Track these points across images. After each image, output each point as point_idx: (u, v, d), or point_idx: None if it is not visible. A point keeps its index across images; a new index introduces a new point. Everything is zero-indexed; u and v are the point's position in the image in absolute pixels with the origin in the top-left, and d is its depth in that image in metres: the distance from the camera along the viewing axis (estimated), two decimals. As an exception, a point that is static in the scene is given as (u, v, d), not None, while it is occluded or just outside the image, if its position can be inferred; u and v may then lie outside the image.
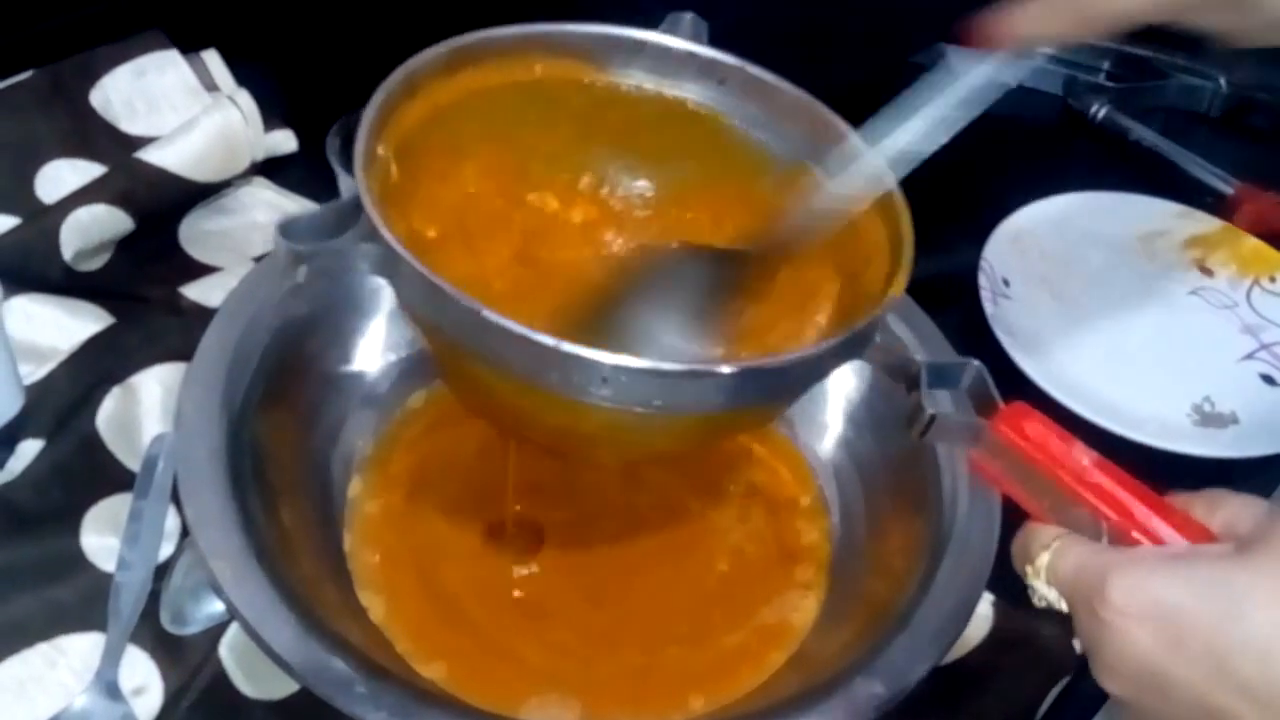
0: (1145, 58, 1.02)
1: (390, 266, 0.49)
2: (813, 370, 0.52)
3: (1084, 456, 0.47)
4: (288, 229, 0.49)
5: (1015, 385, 0.76)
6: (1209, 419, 0.78)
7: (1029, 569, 0.47)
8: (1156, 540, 0.45)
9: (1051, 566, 0.45)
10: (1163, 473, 0.73)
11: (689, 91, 0.61)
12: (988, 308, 0.80)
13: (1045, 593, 0.46)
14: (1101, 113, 0.98)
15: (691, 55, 0.60)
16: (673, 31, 0.61)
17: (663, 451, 0.62)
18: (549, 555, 0.64)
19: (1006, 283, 0.83)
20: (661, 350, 0.55)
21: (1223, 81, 1.01)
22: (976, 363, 0.51)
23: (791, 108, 0.60)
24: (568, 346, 0.46)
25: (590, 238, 0.64)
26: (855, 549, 0.66)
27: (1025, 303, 0.83)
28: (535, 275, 0.62)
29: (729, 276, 0.57)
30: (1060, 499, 0.47)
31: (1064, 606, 0.46)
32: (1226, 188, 0.93)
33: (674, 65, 0.60)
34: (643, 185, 0.64)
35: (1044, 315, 0.83)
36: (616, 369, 0.47)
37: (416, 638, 0.59)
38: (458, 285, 0.48)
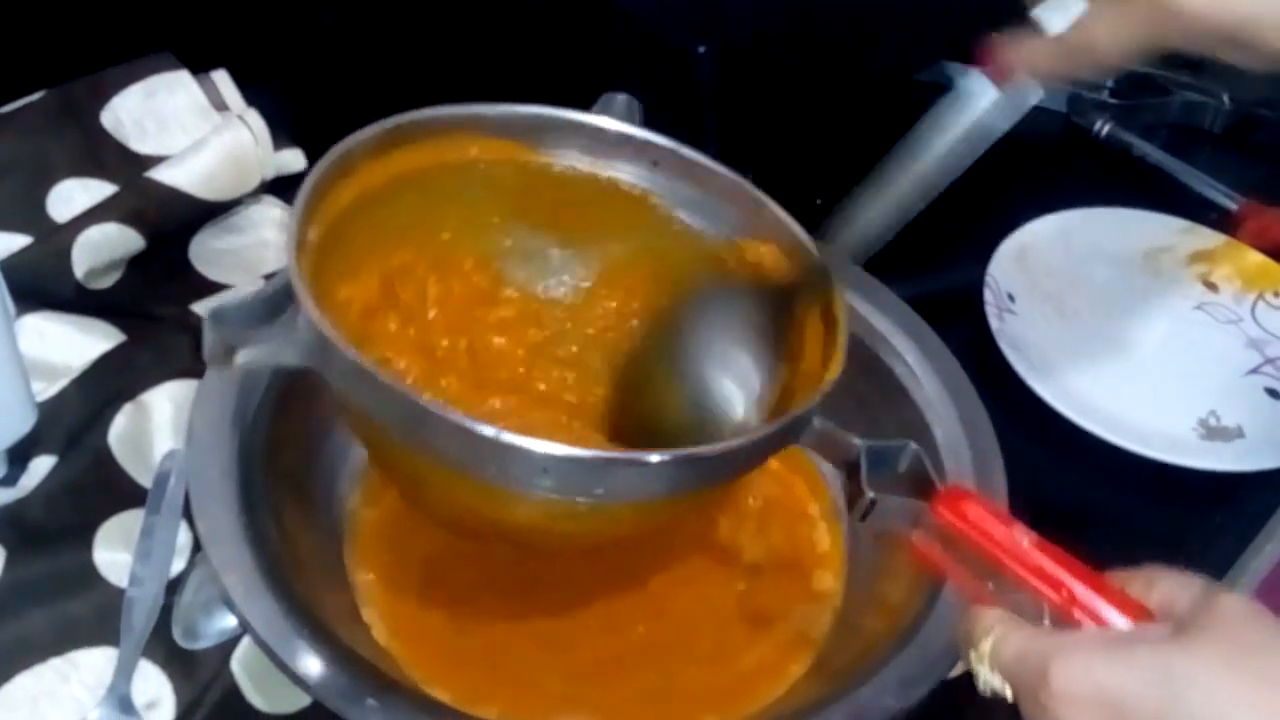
0: (1148, 74, 1.02)
1: (323, 356, 0.49)
2: (750, 458, 0.53)
3: (1023, 538, 0.47)
4: (218, 317, 0.49)
5: (1020, 400, 0.76)
6: (1215, 433, 0.78)
7: (973, 654, 0.47)
8: (1097, 619, 0.45)
9: (994, 653, 0.46)
10: (1168, 487, 0.74)
11: (622, 172, 0.62)
12: (993, 323, 0.80)
13: (990, 679, 0.46)
14: (1105, 129, 0.99)
15: (626, 137, 0.61)
16: (606, 112, 0.61)
17: (595, 541, 0.61)
18: (564, 581, 0.64)
19: (1012, 298, 0.83)
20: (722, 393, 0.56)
21: (1225, 98, 1.01)
22: (913, 445, 0.52)
23: (723, 189, 0.61)
24: (507, 437, 0.46)
25: (517, 322, 0.65)
26: (869, 557, 0.66)
27: (1030, 318, 0.83)
28: (463, 361, 0.63)
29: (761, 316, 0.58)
30: (1001, 581, 0.47)
31: (1009, 694, 0.46)
32: (1230, 203, 0.93)
33: (608, 146, 0.61)
34: (572, 266, 0.65)
35: (1049, 331, 0.83)
36: (556, 459, 0.47)
37: (423, 664, 0.59)
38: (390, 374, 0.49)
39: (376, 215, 0.57)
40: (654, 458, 0.48)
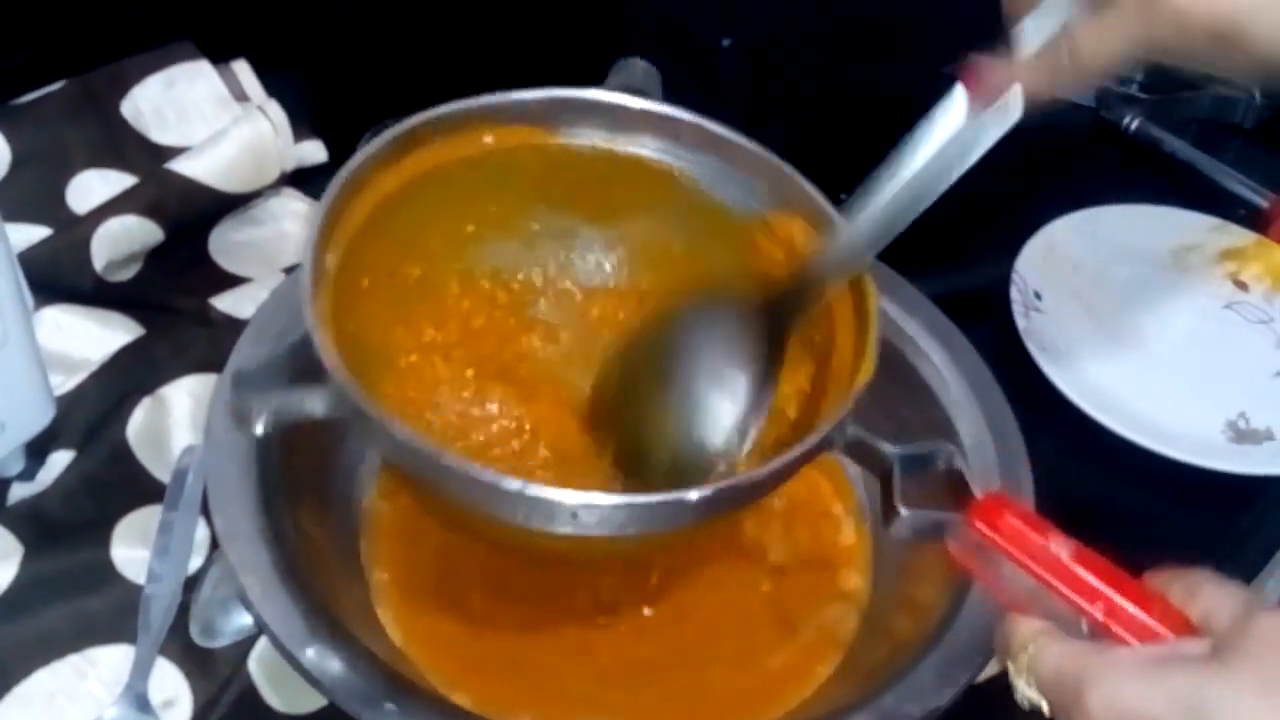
0: (1178, 69, 1.01)
1: (347, 411, 0.48)
2: (786, 474, 0.51)
3: (1062, 549, 0.46)
4: (240, 380, 0.48)
5: (1046, 400, 0.75)
6: (1244, 435, 0.77)
7: (1011, 667, 0.46)
8: (1136, 631, 0.44)
9: (1031, 667, 0.45)
10: (1196, 490, 0.73)
11: (645, 148, 0.60)
12: (1020, 321, 0.79)
13: (1027, 693, 0.46)
14: (1134, 124, 0.97)
15: (646, 113, 0.59)
16: (624, 78, 0.60)
17: (637, 555, 0.62)
18: (586, 584, 0.63)
19: (1038, 296, 0.82)
20: (704, 425, 0.55)
21: (1257, 93, 0.99)
22: (949, 447, 0.51)
23: (748, 161, 0.59)
24: (533, 489, 0.46)
25: (552, 319, 0.64)
26: (895, 556, 0.65)
27: (1057, 316, 0.82)
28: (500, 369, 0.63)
29: (754, 331, 0.57)
30: (1039, 592, 0.46)
31: (1047, 708, 0.45)
32: (1261, 200, 0.92)
33: (628, 123, 0.59)
34: (601, 245, 0.63)
35: (1076, 329, 0.82)
36: (586, 507, 0.47)
37: (442, 668, 0.59)
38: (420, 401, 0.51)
39: (396, 223, 0.56)
40: (694, 495, 0.48)
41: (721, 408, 0.56)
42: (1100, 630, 0.45)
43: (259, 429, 0.48)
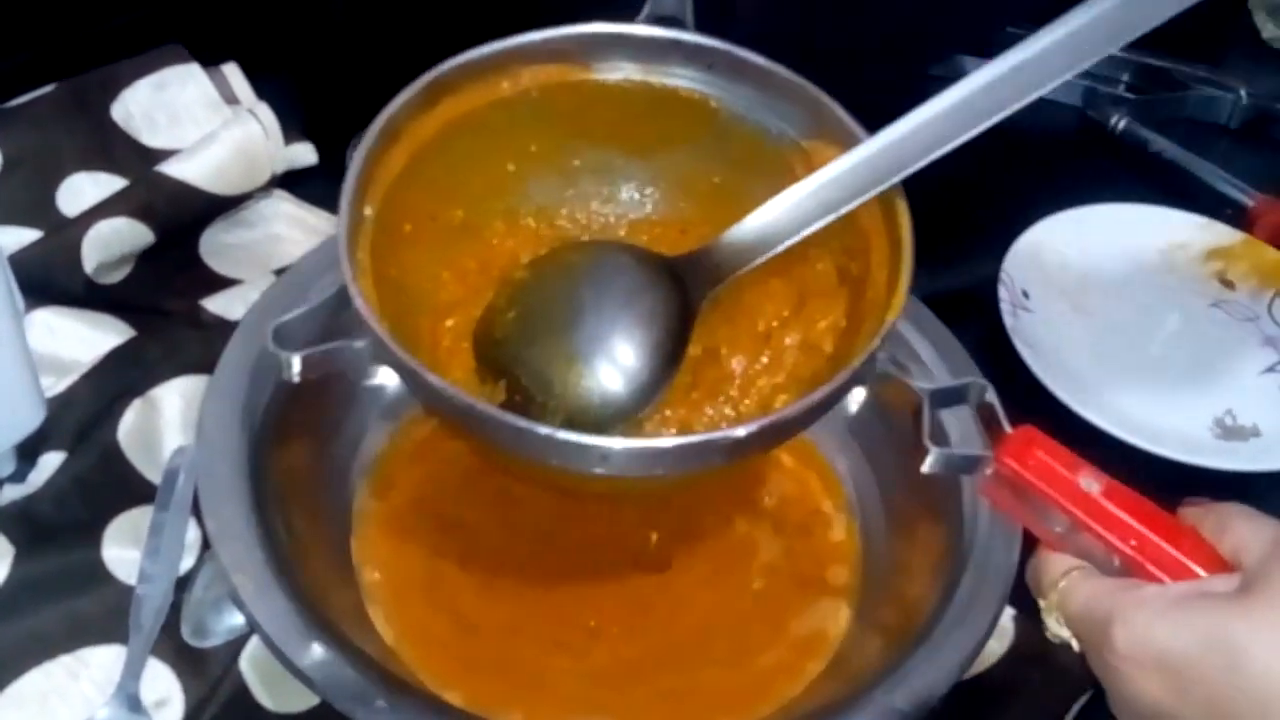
0: (1165, 69, 1.01)
1: (385, 358, 0.49)
2: (816, 413, 0.51)
3: (1093, 483, 0.46)
4: (280, 334, 0.48)
5: (1035, 398, 0.75)
6: (1230, 432, 0.78)
7: (1042, 604, 0.47)
8: (1167, 567, 0.44)
9: (1062, 604, 0.46)
10: (1184, 486, 0.73)
11: (679, 79, 0.59)
12: (1007, 320, 0.79)
13: (1058, 630, 0.46)
14: (1121, 124, 0.98)
15: (676, 42, 0.58)
16: (657, 9, 0.60)
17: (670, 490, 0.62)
18: (577, 583, 0.64)
19: (1026, 295, 0.83)
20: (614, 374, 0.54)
21: (1243, 93, 1.00)
22: (983, 382, 0.51)
23: (783, 88, 0.58)
24: (563, 434, 0.47)
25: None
26: (885, 553, 0.66)
27: (1045, 315, 0.82)
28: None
29: (666, 293, 0.56)
30: (1071, 528, 0.46)
31: (1076, 645, 0.46)
32: (1247, 199, 0.92)
33: (660, 54, 0.58)
34: (639, 185, 0.63)
35: (1064, 328, 0.82)
36: (620, 451, 0.47)
37: (433, 667, 0.59)
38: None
39: (435, 168, 0.56)
40: (735, 433, 0.48)
41: (629, 361, 0.55)
42: (1131, 566, 0.45)
43: (296, 378, 0.48)
